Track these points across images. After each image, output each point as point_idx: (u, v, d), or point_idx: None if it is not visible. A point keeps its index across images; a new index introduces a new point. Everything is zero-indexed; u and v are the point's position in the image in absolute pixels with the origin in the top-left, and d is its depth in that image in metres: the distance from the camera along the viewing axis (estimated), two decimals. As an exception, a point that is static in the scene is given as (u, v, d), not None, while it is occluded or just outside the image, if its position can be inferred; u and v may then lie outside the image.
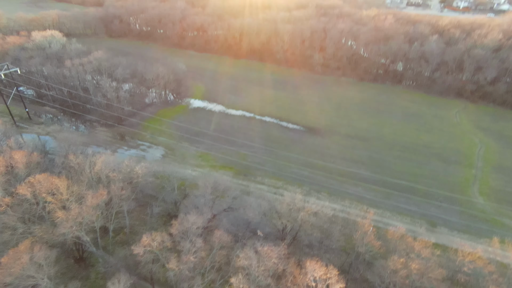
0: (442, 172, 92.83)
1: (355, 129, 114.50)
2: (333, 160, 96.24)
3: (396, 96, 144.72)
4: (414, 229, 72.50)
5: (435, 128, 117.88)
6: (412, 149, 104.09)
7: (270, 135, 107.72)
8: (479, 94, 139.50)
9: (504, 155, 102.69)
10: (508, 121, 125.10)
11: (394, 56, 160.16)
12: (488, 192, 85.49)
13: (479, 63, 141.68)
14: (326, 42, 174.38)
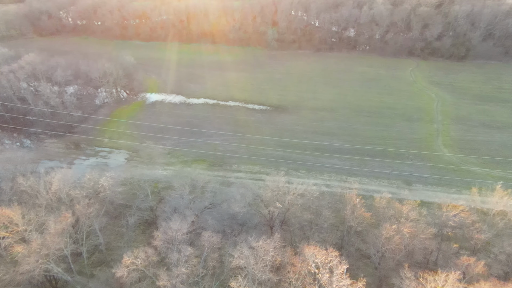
0: (408, 131, 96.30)
1: (321, 101, 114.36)
2: (305, 136, 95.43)
3: (354, 62, 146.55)
4: (392, 190, 74.48)
5: (395, 89, 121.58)
6: (377, 113, 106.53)
7: (238, 120, 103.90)
8: (428, 50, 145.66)
9: (459, 106, 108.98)
10: (456, 73, 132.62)
11: (346, 23, 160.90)
12: (451, 144, 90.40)
13: (425, 20, 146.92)
14: (277, 15, 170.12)
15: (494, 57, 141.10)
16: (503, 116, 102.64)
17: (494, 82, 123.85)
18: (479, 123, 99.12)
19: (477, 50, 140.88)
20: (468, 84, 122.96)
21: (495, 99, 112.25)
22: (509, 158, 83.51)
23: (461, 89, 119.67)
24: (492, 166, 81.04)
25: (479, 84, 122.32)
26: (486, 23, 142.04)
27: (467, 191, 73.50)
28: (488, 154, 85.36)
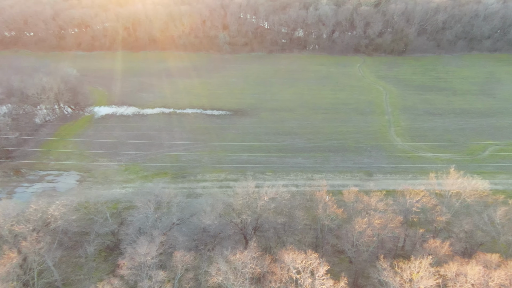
0: (363, 125, 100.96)
1: (279, 102, 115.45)
2: (267, 137, 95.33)
3: (306, 62, 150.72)
4: (356, 182, 77.28)
5: (346, 85, 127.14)
6: (333, 109, 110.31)
7: (198, 128, 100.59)
8: (372, 47, 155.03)
9: (405, 97, 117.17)
10: (399, 67, 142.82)
11: (295, 24, 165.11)
12: (402, 133, 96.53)
13: (366, 19, 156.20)
14: (227, 19, 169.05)
15: (429, 50, 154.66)
16: (443, 103, 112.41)
17: (431, 73, 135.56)
18: (423, 111, 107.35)
19: (414, 44, 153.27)
20: (410, 76, 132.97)
21: (434, 88, 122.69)
22: (452, 142, 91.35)
23: (405, 81, 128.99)
24: (439, 150, 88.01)
25: (419, 76, 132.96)
26: (419, 19, 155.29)
27: (422, 176, 78.82)
28: (434, 139, 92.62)
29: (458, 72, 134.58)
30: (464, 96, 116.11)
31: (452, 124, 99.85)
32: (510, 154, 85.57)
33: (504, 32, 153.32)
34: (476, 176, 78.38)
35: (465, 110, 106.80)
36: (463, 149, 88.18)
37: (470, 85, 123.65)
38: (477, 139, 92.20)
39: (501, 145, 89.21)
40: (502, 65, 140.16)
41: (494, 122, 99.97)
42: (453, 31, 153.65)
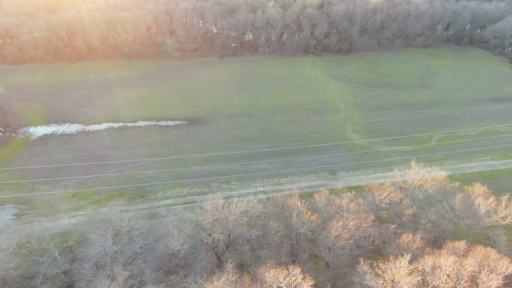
0: (321, 124, 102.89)
1: (237, 107, 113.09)
2: (228, 145, 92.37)
3: (259, 65, 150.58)
4: (322, 182, 78.09)
5: (300, 86, 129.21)
6: (291, 110, 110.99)
7: (153, 141, 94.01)
8: (320, 47, 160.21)
9: (356, 94, 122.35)
10: (347, 65, 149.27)
11: (244, 27, 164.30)
12: (358, 129, 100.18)
13: (312, 20, 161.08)
14: (174, 24, 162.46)
15: (371, 48, 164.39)
16: (389, 98, 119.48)
17: (376, 69, 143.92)
18: (374, 106, 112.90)
19: (357, 43, 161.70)
20: (357, 74, 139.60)
21: (380, 84, 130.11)
22: (402, 134, 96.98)
23: (354, 79, 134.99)
24: (393, 143, 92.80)
25: (366, 73, 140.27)
26: (360, 20, 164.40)
27: (381, 169, 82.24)
28: (387, 133, 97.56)
29: (399, 68, 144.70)
30: (407, 90, 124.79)
31: (400, 117, 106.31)
32: (453, 141, 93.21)
33: (433, 30, 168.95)
34: (427, 164, 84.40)
35: (410, 103, 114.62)
36: (413, 140, 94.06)
37: (411, 80, 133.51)
38: (423, 129, 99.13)
39: (444, 133, 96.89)
40: (435, 59, 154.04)
41: (436, 112, 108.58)
42: (391, 30, 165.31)
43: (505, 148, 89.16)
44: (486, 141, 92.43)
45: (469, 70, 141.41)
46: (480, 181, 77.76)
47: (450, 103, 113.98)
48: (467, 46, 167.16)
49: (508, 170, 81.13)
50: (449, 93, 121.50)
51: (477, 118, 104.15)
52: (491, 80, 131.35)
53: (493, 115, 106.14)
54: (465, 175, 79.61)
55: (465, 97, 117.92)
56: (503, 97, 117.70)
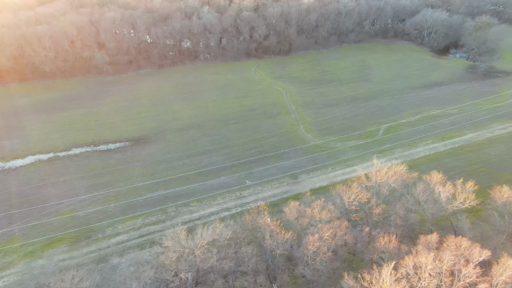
0: (274, 128, 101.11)
1: (184, 120, 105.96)
2: (181, 162, 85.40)
3: (201, 72, 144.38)
4: (285, 189, 75.90)
5: (247, 90, 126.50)
6: (242, 117, 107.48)
7: (93, 170, 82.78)
8: (261, 50, 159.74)
9: (303, 93, 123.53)
10: (289, 66, 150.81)
11: (180, 35, 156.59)
12: (310, 128, 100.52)
13: (250, 23, 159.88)
14: (101, 36, 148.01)
15: (309, 47, 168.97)
16: (334, 94, 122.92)
17: (318, 67, 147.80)
18: (322, 104, 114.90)
19: (296, 43, 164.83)
20: (301, 73, 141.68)
21: (323, 81, 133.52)
22: (353, 129, 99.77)
23: (298, 79, 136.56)
24: (345, 138, 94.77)
25: (309, 72, 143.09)
26: (296, 20, 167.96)
27: (339, 167, 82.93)
28: (338, 129, 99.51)
29: (338, 64, 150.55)
30: (349, 84, 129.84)
31: (347, 111, 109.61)
32: (397, 130, 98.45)
33: (362, 26, 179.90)
34: (380, 155, 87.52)
35: (354, 97, 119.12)
36: (363, 133, 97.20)
37: (351, 74, 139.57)
38: (370, 121, 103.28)
39: (389, 123, 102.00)
40: (368, 53, 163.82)
41: (377, 103, 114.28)
42: (325, 28, 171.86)
43: (442, 131, 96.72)
44: (426, 126, 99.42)
45: (398, 61, 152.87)
46: (427, 165, 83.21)
47: (388, 93, 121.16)
48: (392, 39, 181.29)
49: (448, 151, 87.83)
50: (385, 84, 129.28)
51: (414, 105, 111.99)
52: (418, 69, 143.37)
53: (426, 101, 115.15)
54: (414, 161, 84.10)
55: (400, 86, 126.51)
56: (431, 83, 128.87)
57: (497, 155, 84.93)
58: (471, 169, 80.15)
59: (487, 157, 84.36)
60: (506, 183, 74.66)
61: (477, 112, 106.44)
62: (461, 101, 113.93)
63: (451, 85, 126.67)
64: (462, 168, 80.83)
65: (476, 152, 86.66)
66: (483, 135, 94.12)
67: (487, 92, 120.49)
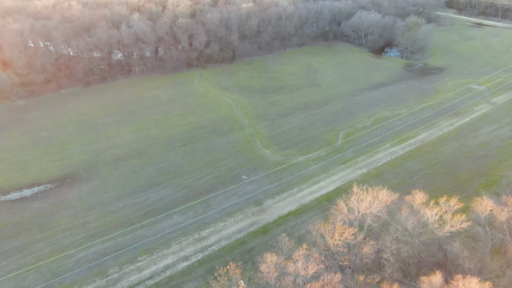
0: (229, 146, 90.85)
1: (122, 147, 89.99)
2: (121, 203, 70.44)
3: (138, 88, 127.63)
4: (250, 221, 66.30)
5: (193, 105, 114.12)
6: (191, 137, 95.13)
7: (0, 229, 63.59)
8: (203, 59, 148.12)
9: (254, 104, 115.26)
10: (236, 74, 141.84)
11: (109, 46, 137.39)
12: (268, 143, 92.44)
13: (188, 31, 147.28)
14: (5, 52, 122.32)
15: (254, 53, 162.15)
16: (287, 102, 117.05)
17: (265, 74, 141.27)
18: (276, 114, 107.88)
19: (240, 50, 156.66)
20: (249, 82, 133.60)
21: (274, 89, 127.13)
22: (311, 140, 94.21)
23: (247, 88, 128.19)
24: (306, 151, 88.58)
25: (257, 80, 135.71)
26: (236, 26, 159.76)
27: (304, 184, 75.88)
28: (297, 141, 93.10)
29: (285, 70, 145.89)
30: (299, 90, 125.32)
31: (303, 120, 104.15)
32: (355, 135, 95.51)
33: (303, 29, 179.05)
34: (344, 166, 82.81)
35: (306, 104, 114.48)
36: (322, 143, 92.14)
37: (299, 79, 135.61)
38: (327, 129, 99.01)
39: (346, 129, 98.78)
40: (312, 56, 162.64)
41: (331, 109, 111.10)
42: (267, 33, 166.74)
43: (397, 132, 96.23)
44: (381, 129, 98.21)
45: (342, 63, 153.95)
46: (391, 172, 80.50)
47: (339, 97, 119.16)
48: (333, 40, 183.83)
49: (407, 154, 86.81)
50: (335, 87, 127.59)
51: (365, 108, 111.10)
52: (361, 70, 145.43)
53: (375, 102, 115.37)
54: (377, 169, 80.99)
55: (349, 89, 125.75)
56: (376, 84, 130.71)
57: (451, 154, 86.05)
58: (432, 171, 79.45)
59: (443, 157, 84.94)
60: (468, 183, 75.36)
61: (423, 110, 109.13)
62: (407, 100, 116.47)
63: (394, 85, 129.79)
64: (424, 171, 79.78)
65: (432, 152, 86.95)
66: (434, 133, 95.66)
67: (427, 89, 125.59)
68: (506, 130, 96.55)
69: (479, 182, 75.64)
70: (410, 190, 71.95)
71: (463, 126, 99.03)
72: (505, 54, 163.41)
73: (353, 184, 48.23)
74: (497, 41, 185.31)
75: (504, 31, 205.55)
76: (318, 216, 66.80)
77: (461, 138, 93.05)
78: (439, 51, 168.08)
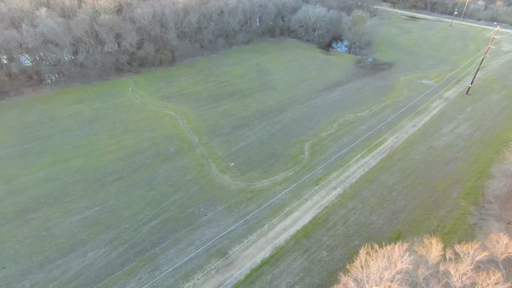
0: (177, 175, 73.51)
1: (29, 192, 66.84)
2: (27, 282, 49.46)
3: (52, 104, 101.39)
4: (215, 282, 51.06)
5: (128, 122, 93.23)
6: (126, 168, 75.40)
7: None
8: (136, 62, 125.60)
9: (202, 115, 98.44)
10: (177, 79, 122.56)
11: (7, 52, 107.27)
12: (225, 166, 77.28)
13: (114, 29, 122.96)
14: None
15: (196, 53, 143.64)
16: (240, 110, 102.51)
17: (212, 78, 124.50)
18: (230, 127, 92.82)
19: (180, 50, 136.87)
20: (194, 88, 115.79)
21: (223, 95, 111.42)
22: (275, 156, 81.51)
23: (192, 96, 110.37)
24: (271, 172, 75.48)
25: (203, 85, 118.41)
26: (173, 22, 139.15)
27: (276, 220, 62.71)
28: (259, 159, 79.53)
29: (233, 71, 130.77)
30: (253, 95, 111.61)
31: (262, 132, 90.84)
32: (321, 146, 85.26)
33: (248, 25, 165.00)
34: (316, 188, 71.51)
35: (263, 112, 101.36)
36: (288, 159, 79.96)
37: (251, 82, 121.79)
38: (290, 141, 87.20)
39: (309, 139, 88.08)
40: (261, 55, 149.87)
41: (291, 115, 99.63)
42: (209, 30, 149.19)
43: (363, 139, 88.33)
44: (347, 136, 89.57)
45: (293, 61, 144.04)
46: (367, 188, 71.30)
47: (297, 101, 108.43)
48: (280, 37, 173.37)
49: (380, 164, 79.05)
50: (290, 90, 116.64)
51: (326, 112, 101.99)
52: (315, 68, 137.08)
53: (335, 105, 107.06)
54: (353, 187, 71.46)
55: (306, 91, 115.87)
56: (332, 83, 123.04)
57: (422, 160, 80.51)
58: (409, 184, 72.47)
59: (415, 164, 78.92)
60: (447, 193, 69.45)
61: (384, 110, 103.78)
62: (366, 100, 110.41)
63: (350, 84, 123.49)
64: (401, 184, 72.40)
65: (404, 160, 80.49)
66: (400, 137, 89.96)
67: (382, 86, 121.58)
68: (465, 128, 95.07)
69: (457, 191, 70.45)
70: (392, 209, 63.58)
71: (425, 126, 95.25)
72: (442, 47, 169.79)
73: (329, 212, 35.78)
74: (433, 33, 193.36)
75: (436, 24, 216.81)
76: (298, 261, 54.38)
77: (427, 140, 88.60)
78: (384, 45, 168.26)
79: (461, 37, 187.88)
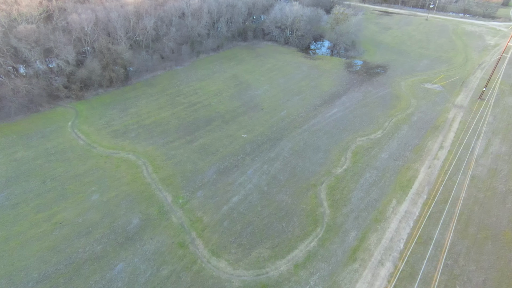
0: (147, 271, 47.76)
1: None
2: None
3: None
4: None
5: (66, 180, 64.77)
6: (62, 268, 48.13)
7: None
8: (77, 85, 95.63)
9: (174, 156, 72.60)
10: (134, 103, 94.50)
11: None
12: (217, 242, 52.80)
13: (40, 44, 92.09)
14: None
15: (156, 67, 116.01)
16: (225, 145, 78.27)
17: (179, 98, 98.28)
18: (214, 172, 68.19)
19: (135, 65, 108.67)
20: (158, 115, 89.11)
21: (198, 122, 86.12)
22: (287, 217, 58.71)
23: (157, 127, 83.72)
24: (284, 245, 52.50)
25: (169, 109, 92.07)
26: (123, 30, 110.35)
27: None
28: (264, 224, 56.09)
29: (206, 88, 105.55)
30: (236, 120, 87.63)
31: (259, 176, 67.46)
32: (341, 192, 63.91)
33: (216, 28, 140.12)
34: (356, 265, 50.07)
35: (254, 143, 77.91)
36: (303, 218, 57.46)
37: (231, 102, 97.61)
38: (300, 186, 64.82)
39: (323, 181, 66.42)
40: (235, 64, 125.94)
41: (290, 146, 77.32)
42: (170, 37, 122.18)
43: (390, 174, 68.46)
44: (368, 171, 69.21)
45: (276, 70, 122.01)
46: (424, 257, 50.70)
47: (294, 124, 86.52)
48: (253, 40, 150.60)
49: (425, 213, 59.37)
50: (281, 108, 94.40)
51: (333, 137, 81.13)
52: (302, 77, 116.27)
53: (340, 125, 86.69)
54: (407, 258, 50.79)
55: (300, 109, 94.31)
56: (328, 96, 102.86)
57: (472, 198, 62.29)
58: (473, 242, 53.50)
59: (468, 207, 60.34)
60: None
61: (399, 129, 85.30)
62: (374, 116, 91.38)
63: (348, 95, 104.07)
64: (462, 243, 53.11)
65: (451, 202, 61.71)
66: (433, 165, 71.51)
67: (385, 95, 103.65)
68: (498, 145, 79.16)
69: (536, 246, 52.50)
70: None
71: (454, 147, 77.94)
72: (429, 44, 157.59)
73: None
74: (413, 29, 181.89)
75: (412, 18, 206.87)
76: None
77: (464, 167, 71.02)
78: (370, 45, 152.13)
79: (442, 32, 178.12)
